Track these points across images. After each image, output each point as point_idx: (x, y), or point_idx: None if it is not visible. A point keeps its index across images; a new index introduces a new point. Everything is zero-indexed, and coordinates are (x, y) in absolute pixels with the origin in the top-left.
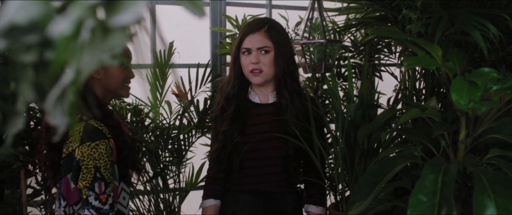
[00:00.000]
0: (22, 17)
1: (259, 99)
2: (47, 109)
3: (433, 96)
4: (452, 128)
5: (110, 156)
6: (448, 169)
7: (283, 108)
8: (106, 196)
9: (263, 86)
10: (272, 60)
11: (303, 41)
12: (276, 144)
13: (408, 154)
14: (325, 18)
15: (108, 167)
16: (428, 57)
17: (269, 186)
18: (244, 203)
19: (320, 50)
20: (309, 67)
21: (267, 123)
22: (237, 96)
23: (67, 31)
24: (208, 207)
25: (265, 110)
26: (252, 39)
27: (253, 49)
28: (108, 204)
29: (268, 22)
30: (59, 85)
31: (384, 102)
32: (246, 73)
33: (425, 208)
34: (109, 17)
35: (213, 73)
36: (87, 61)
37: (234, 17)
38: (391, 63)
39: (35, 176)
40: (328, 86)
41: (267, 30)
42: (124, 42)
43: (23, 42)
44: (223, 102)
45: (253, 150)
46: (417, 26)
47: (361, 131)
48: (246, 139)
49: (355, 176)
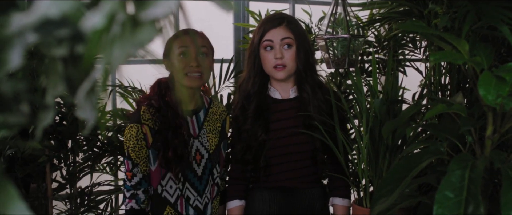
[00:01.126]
0: (55, 11)
1: (280, 94)
2: (77, 102)
3: (459, 91)
4: (479, 124)
5: (141, 140)
6: (475, 165)
7: (305, 102)
8: (131, 174)
9: (284, 81)
10: (295, 54)
11: (327, 36)
12: (301, 138)
13: (434, 150)
14: (348, 13)
15: (137, 150)
16: (454, 52)
17: (295, 182)
18: (271, 200)
19: (344, 45)
20: (332, 62)
21: (290, 119)
22: (258, 94)
23: (100, 25)
24: (233, 208)
25: (287, 105)
26: (274, 33)
27: (276, 42)
28: (133, 182)
29: (285, 17)
30: (89, 79)
31: (408, 97)
32: (268, 69)
33: (452, 204)
34: (140, 11)
35: (236, 69)
36: (117, 55)
37: (257, 13)
38: (416, 58)
39: (60, 170)
40: (352, 81)
41: (287, 24)
42: (153, 36)
43: (55, 36)
44: (242, 101)
45: (278, 146)
46: (443, 20)
47: (386, 126)
48: (271, 136)
49: (379, 172)
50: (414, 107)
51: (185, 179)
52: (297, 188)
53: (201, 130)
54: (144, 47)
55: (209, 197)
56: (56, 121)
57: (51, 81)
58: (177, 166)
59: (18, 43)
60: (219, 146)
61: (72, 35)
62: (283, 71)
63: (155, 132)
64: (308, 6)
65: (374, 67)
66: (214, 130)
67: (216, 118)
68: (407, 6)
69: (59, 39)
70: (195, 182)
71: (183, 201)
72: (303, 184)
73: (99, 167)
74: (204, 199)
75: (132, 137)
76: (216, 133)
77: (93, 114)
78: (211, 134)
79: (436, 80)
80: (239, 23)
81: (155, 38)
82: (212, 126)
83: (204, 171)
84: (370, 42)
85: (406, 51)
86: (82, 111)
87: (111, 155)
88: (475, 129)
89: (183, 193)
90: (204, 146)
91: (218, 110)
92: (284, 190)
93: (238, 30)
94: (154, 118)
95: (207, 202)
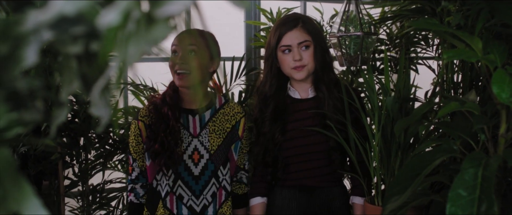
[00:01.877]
0: (71, 9)
1: (299, 94)
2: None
3: (471, 89)
4: (492, 122)
5: (138, 136)
6: (488, 164)
7: (322, 101)
8: (131, 168)
9: (303, 81)
10: (312, 54)
11: (340, 33)
12: (318, 138)
13: (447, 148)
14: (361, 10)
15: (134, 145)
16: (468, 50)
17: (314, 181)
18: (291, 198)
19: (356, 43)
20: (345, 60)
21: (309, 118)
22: (275, 96)
23: (115, 22)
24: (255, 205)
25: (306, 105)
26: (291, 36)
27: (294, 45)
28: (132, 176)
29: (300, 18)
30: (104, 76)
31: (420, 95)
32: (287, 70)
33: (465, 202)
34: (155, 8)
35: (247, 67)
36: (132, 53)
37: (268, 10)
38: (428, 56)
39: (72, 168)
40: (364, 79)
41: (303, 25)
42: (167, 33)
43: (70, 34)
44: (260, 104)
45: (295, 146)
46: (456, 18)
47: (398, 124)
48: (289, 136)
49: (391, 170)
50: (427, 105)
51: (177, 176)
52: (315, 186)
53: (203, 130)
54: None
55: (210, 200)
56: (68, 119)
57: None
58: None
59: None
60: (223, 147)
61: (88, 33)
62: (303, 71)
63: (147, 127)
64: (319, 4)
65: (386, 64)
66: (219, 130)
67: (227, 119)
68: (419, 4)
69: (74, 36)
70: (189, 181)
71: (174, 198)
72: (321, 183)
73: (111, 164)
74: (202, 201)
75: (131, 133)
76: (221, 134)
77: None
78: (214, 135)
79: (448, 78)
80: (251, 21)
81: (169, 35)
82: (217, 127)
83: (203, 172)
84: (381, 40)
85: (418, 49)
86: (97, 108)
87: (122, 152)
88: (488, 127)
89: (174, 190)
90: (204, 146)
91: (231, 111)
92: (303, 188)
93: (249, 28)
94: (150, 114)
95: (206, 204)
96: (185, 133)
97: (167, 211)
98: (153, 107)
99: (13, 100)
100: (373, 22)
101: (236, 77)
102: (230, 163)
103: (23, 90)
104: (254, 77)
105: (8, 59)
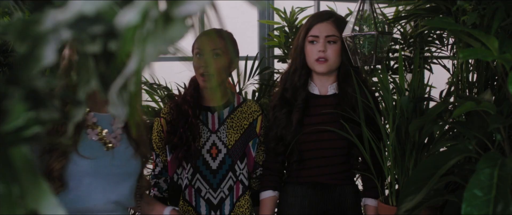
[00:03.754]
0: (90, 8)
1: (318, 90)
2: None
3: (487, 88)
4: (508, 122)
5: (160, 133)
6: (504, 163)
7: (344, 99)
8: (154, 164)
9: (324, 77)
10: (339, 50)
11: (354, 33)
12: (335, 135)
13: (462, 148)
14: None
15: (157, 141)
16: (484, 49)
17: (328, 178)
18: (303, 195)
19: (371, 42)
20: (359, 59)
21: (326, 115)
22: (304, 87)
23: (134, 22)
24: (266, 198)
25: (324, 101)
26: (320, 27)
27: (321, 37)
28: (156, 171)
29: (334, 14)
30: (122, 75)
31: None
32: (310, 61)
33: (480, 202)
34: (172, 7)
35: (261, 66)
36: (150, 52)
37: (282, 10)
38: (443, 55)
39: None
40: (378, 78)
41: (334, 20)
42: (184, 33)
43: (89, 33)
44: (283, 92)
45: (312, 141)
46: (472, 17)
47: (413, 124)
48: (306, 130)
49: (405, 170)
50: (442, 104)
51: (196, 170)
52: (329, 184)
53: (221, 126)
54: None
55: (227, 193)
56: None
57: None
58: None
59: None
60: (240, 142)
61: (106, 32)
62: (325, 64)
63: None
64: (333, 3)
65: (400, 64)
66: (237, 127)
67: (244, 117)
68: (434, 3)
69: (93, 35)
70: (207, 175)
71: (193, 191)
72: (335, 180)
73: None
74: (220, 194)
75: (154, 130)
76: (239, 130)
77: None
78: (232, 130)
79: (463, 77)
80: (264, 20)
81: (186, 35)
82: (235, 123)
83: (221, 166)
84: (396, 39)
85: (433, 48)
86: (114, 107)
87: None
88: (504, 127)
89: (193, 183)
90: (222, 141)
91: (249, 109)
92: (317, 185)
93: (263, 28)
94: (171, 111)
95: (223, 197)
96: (204, 129)
97: (186, 203)
98: (174, 104)
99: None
100: (388, 21)
101: (250, 76)
102: (248, 159)
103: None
104: (267, 76)
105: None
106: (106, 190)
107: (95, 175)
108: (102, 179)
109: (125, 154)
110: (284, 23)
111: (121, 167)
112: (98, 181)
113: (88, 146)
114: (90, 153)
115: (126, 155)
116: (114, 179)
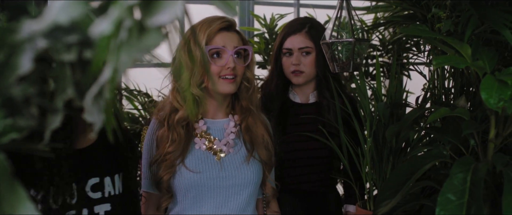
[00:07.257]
0: (65, 18)
1: (299, 99)
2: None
3: (462, 95)
4: (482, 127)
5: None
6: (477, 168)
7: (324, 108)
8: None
9: (303, 86)
10: (314, 60)
11: (332, 39)
12: (317, 144)
13: (437, 153)
14: (353, 16)
15: None
16: (457, 56)
17: (310, 186)
18: (287, 201)
19: (348, 49)
20: (337, 65)
21: (307, 123)
22: (281, 95)
23: (108, 31)
24: None
25: (305, 110)
26: (293, 40)
27: (295, 50)
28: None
29: (308, 22)
30: (97, 83)
31: (412, 101)
32: (287, 73)
33: (454, 207)
34: (146, 17)
35: None
36: (124, 60)
37: (262, 16)
38: (419, 62)
39: None
40: (356, 84)
41: (307, 31)
42: (159, 41)
43: (64, 42)
44: (265, 101)
45: (294, 150)
46: (446, 24)
47: (390, 130)
48: (287, 139)
49: (383, 175)
50: (418, 110)
51: None
52: (311, 192)
53: None
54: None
55: None
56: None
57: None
58: None
59: (28, 48)
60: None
61: (81, 41)
62: (300, 76)
63: None
64: (312, 10)
65: (378, 70)
66: None
67: None
68: (411, 10)
69: (68, 44)
70: None
71: None
72: (317, 188)
73: None
74: None
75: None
76: None
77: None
78: None
79: (439, 83)
80: (244, 27)
81: (161, 43)
82: None
83: None
84: (374, 46)
85: (410, 55)
86: (90, 114)
87: None
88: (478, 133)
89: None
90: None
91: None
92: (299, 193)
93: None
94: None
95: None
96: None
97: None
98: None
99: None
100: (366, 28)
101: None
102: None
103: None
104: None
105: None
106: (215, 204)
107: (201, 188)
108: (210, 192)
109: (234, 162)
110: (264, 29)
111: (230, 178)
112: (205, 194)
113: (195, 157)
114: (196, 164)
115: (235, 163)
116: (224, 192)
